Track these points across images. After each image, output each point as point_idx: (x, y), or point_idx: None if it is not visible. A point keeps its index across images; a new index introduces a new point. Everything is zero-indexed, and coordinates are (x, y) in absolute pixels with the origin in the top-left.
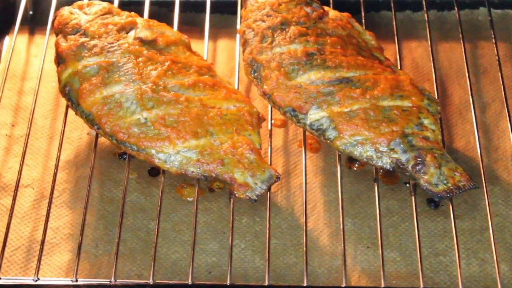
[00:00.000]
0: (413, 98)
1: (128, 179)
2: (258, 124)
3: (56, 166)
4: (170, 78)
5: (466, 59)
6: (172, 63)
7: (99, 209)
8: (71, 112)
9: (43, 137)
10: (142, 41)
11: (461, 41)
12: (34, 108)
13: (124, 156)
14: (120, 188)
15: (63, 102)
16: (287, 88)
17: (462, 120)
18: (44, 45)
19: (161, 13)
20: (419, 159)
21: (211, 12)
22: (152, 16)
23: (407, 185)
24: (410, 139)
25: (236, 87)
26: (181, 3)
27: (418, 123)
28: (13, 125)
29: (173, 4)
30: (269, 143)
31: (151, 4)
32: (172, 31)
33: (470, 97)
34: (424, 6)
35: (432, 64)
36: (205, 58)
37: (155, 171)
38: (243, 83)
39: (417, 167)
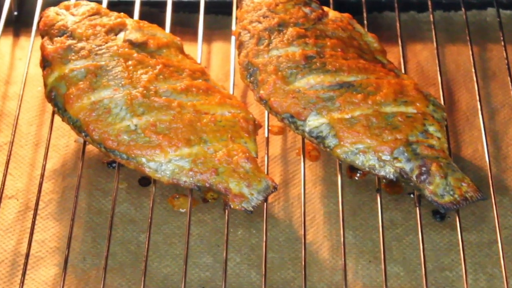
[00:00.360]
0: (417, 104)
1: (117, 189)
2: (254, 131)
3: (42, 176)
4: (162, 82)
5: (473, 62)
6: (163, 67)
7: (87, 220)
8: (57, 118)
9: (28, 145)
10: (132, 44)
11: (469, 43)
12: (18, 114)
13: (113, 164)
14: (109, 199)
15: (49, 107)
16: (284, 93)
17: (470, 126)
18: (29, 47)
19: (152, 13)
20: (424, 169)
21: (205, 12)
22: (142, 16)
23: (411, 195)
24: (414, 147)
25: (231, 92)
26: (173, 3)
27: (423, 130)
28: None
29: (164, 4)
30: (266, 151)
31: (142, 4)
32: (164, 33)
33: (478, 102)
34: (430, 7)
35: (438, 68)
36: (198, 61)
37: (145, 180)
38: (239, 87)
39: (422, 177)
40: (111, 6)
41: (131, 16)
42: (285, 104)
